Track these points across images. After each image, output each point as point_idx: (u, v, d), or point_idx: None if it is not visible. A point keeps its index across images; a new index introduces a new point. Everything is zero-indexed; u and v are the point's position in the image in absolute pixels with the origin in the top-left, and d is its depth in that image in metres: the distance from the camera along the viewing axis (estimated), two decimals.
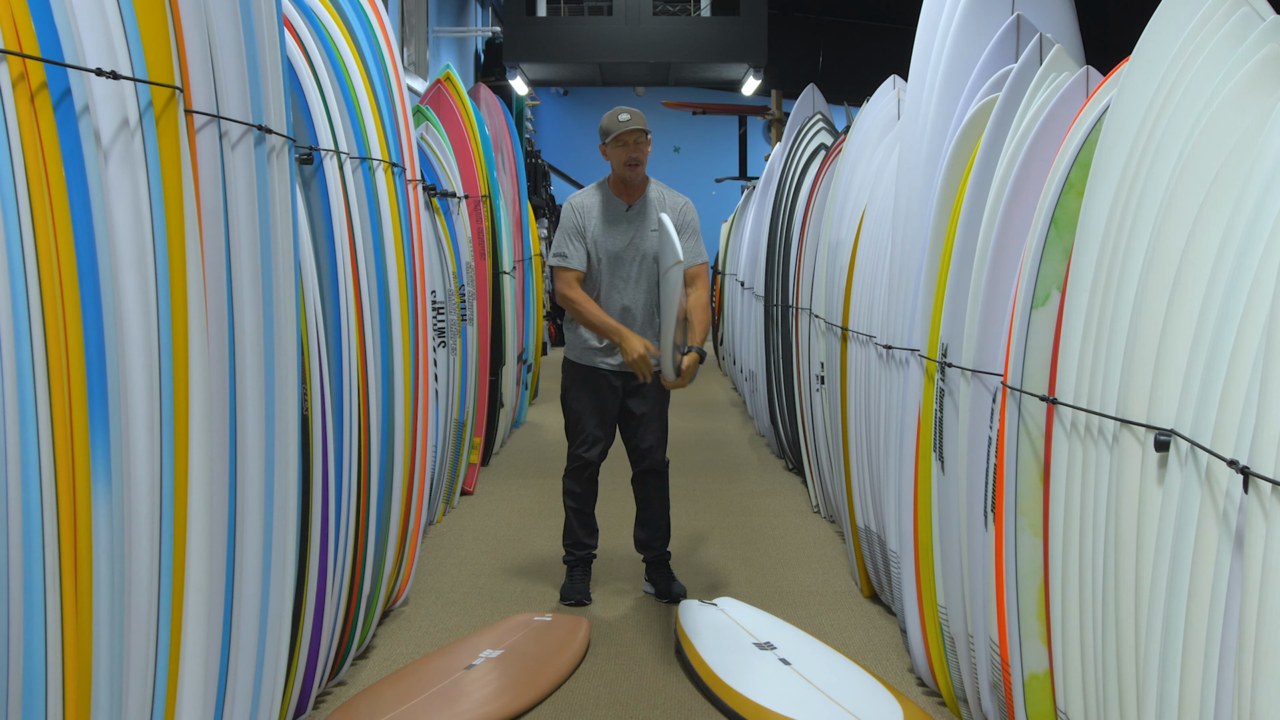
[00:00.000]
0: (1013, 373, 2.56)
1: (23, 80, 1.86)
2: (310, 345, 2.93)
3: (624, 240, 4.23)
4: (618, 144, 4.20)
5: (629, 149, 4.20)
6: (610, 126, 4.22)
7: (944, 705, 3.39)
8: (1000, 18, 3.25)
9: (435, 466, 5.05)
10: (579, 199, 4.32)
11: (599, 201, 4.28)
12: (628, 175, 4.23)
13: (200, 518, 2.27)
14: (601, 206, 4.26)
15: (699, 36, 15.15)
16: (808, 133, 6.53)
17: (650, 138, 4.26)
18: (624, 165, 4.21)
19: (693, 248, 4.26)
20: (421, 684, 3.42)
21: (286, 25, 3.06)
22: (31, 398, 1.84)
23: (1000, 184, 2.80)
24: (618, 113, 4.24)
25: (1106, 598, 2.12)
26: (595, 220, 4.24)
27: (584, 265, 4.23)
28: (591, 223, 4.24)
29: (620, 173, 4.24)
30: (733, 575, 4.71)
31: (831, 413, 4.82)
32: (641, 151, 4.22)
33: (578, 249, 4.23)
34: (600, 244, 4.22)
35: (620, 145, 4.20)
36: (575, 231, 4.24)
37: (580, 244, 4.23)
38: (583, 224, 4.25)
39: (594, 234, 4.23)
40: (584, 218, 4.25)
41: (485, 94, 8.23)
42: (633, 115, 4.23)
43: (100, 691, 1.99)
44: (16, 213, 1.83)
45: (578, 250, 4.23)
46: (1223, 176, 1.92)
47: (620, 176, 4.25)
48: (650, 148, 4.26)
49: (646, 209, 4.27)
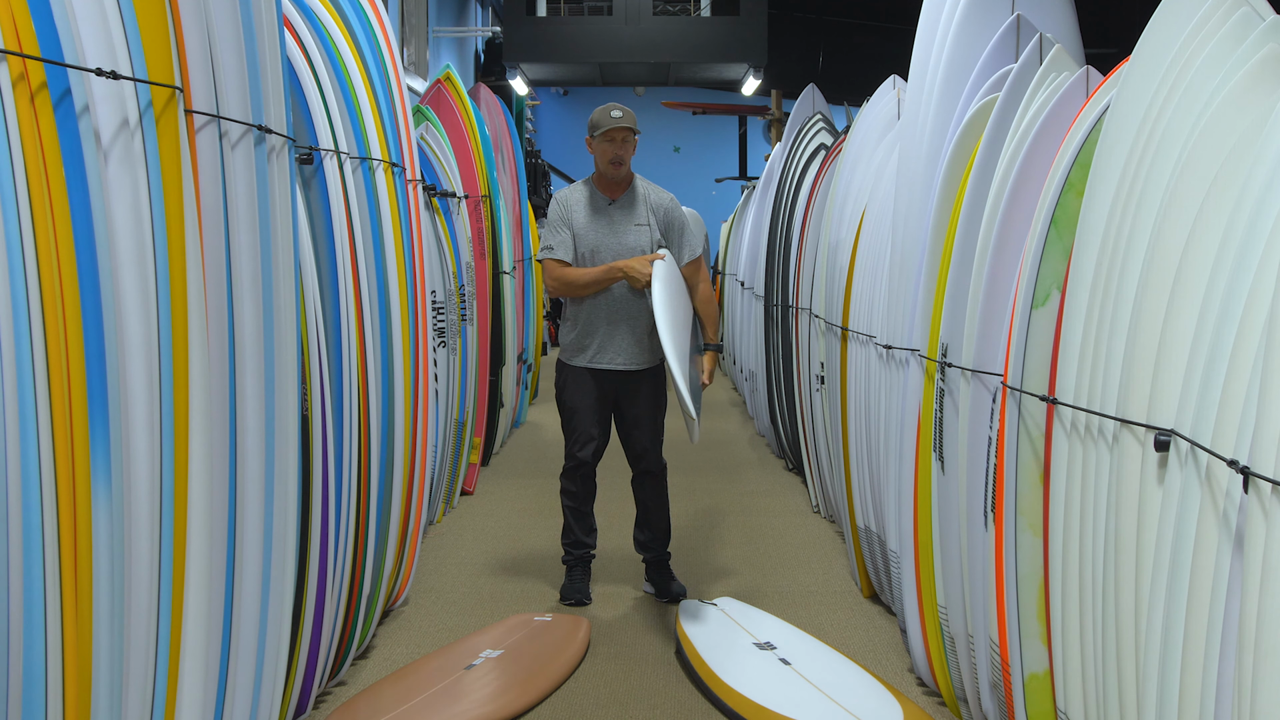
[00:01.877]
0: (1013, 373, 2.56)
1: (23, 80, 1.86)
2: (310, 345, 2.93)
3: (607, 234, 4.25)
4: (605, 139, 4.23)
5: (615, 145, 4.22)
6: (600, 121, 4.24)
7: (944, 705, 3.39)
8: (1000, 18, 3.25)
9: (435, 466, 5.05)
10: (564, 194, 4.37)
11: (584, 196, 4.31)
12: (611, 172, 4.25)
13: (200, 518, 2.27)
14: (586, 201, 4.29)
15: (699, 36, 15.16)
16: (808, 133, 6.53)
17: (637, 138, 4.29)
18: (607, 162, 4.24)
19: (686, 245, 4.32)
20: (421, 684, 3.42)
21: (286, 25, 3.06)
22: (31, 398, 1.84)
23: (1000, 184, 2.80)
24: (610, 108, 4.26)
25: (1106, 598, 2.12)
26: (579, 214, 4.27)
27: (570, 255, 4.26)
28: (576, 216, 4.27)
29: (604, 169, 4.26)
30: (733, 575, 4.71)
31: (831, 413, 4.82)
32: (626, 151, 4.25)
33: (564, 239, 4.27)
34: (583, 238, 4.25)
35: (607, 140, 4.22)
36: (562, 223, 4.29)
37: (567, 233, 4.27)
38: (568, 217, 4.28)
39: (577, 228, 4.26)
40: (569, 211, 4.29)
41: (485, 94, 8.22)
42: (624, 114, 4.25)
43: (100, 691, 1.99)
44: (16, 213, 1.82)
45: (564, 240, 4.27)
46: (1223, 176, 1.92)
47: (604, 172, 4.27)
48: (635, 149, 4.29)
49: (631, 205, 4.30)
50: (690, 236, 4.36)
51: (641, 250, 4.25)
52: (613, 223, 4.26)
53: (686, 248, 4.33)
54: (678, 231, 4.32)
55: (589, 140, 4.28)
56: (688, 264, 4.32)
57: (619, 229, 4.25)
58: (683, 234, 4.32)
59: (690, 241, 4.34)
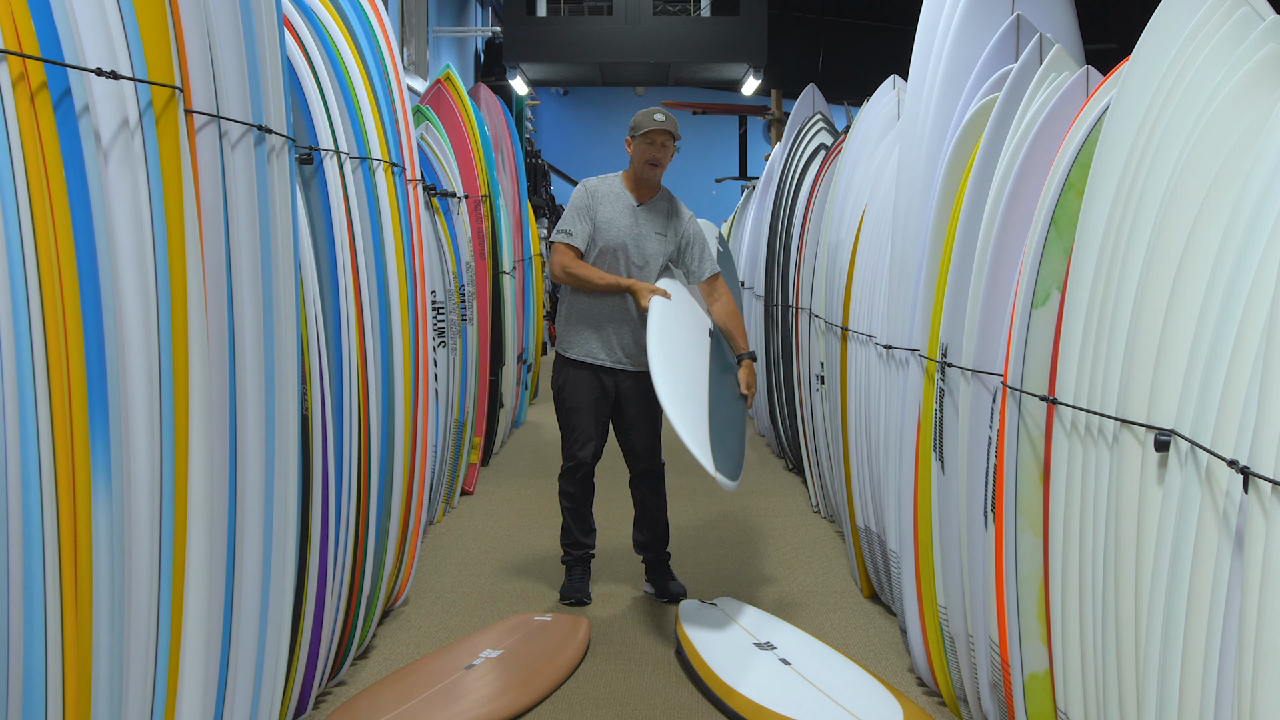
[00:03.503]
0: (1013, 373, 2.56)
1: (23, 80, 1.86)
2: (310, 345, 2.93)
3: (627, 234, 4.24)
4: (645, 140, 4.23)
5: (654, 148, 4.23)
6: (642, 122, 4.25)
7: (944, 705, 3.39)
8: (1000, 18, 3.26)
9: (435, 466, 5.05)
10: (594, 182, 4.34)
11: (612, 190, 4.30)
12: (645, 174, 4.25)
13: (200, 518, 2.27)
14: (613, 196, 4.28)
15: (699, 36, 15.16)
16: (808, 133, 6.53)
17: (677, 147, 4.30)
18: (644, 163, 4.24)
19: (707, 260, 4.34)
20: (421, 684, 3.42)
21: (286, 25, 3.06)
22: (31, 398, 1.84)
23: (1000, 184, 2.80)
24: (653, 112, 4.28)
25: (1106, 598, 2.12)
26: (607, 207, 4.26)
27: (585, 245, 4.24)
28: (603, 209, 4.26)
29: (639, 169, 4.26)
30: (733, 575, 4.71)
31: (831, 413, 4.82)
32: (666, 155, 4.26)
33: (583, 228, 4.24)
34: (603, 232, 4.24)
35: (647, 142, 4.23)
36: (585, 211, 4.26)
37: (588, 224, 4.25)
38: (593, 206, 4.27)
39: (601, 220, 4.24)
40: (596, 201, 4.27)
41: (485, 94, 8.22)
42: (667, 118, 4.27)
43: (100, 691, 1.99)
44: (16, 213, 1.82)
45: (583, 229, 4.24)
46: (1222, 176, 1.92)
47: (638, 173, 4.27)
48: (672, 157, 4.29)
49: (656, 213, 4.29)
50: (707, 252, 4.36)
51: (656, 259, 4.25)
52: (636, 225, 4.26)
53: (707, 263, 4.33)
54: (698, 247, 4.32)
55: (628, 140, 4.28)
56: (707, 279, 4.32)
57: (641, 233, 4.25)
58: (703, 250, 4.33)
59: (709, 257, 4.34)
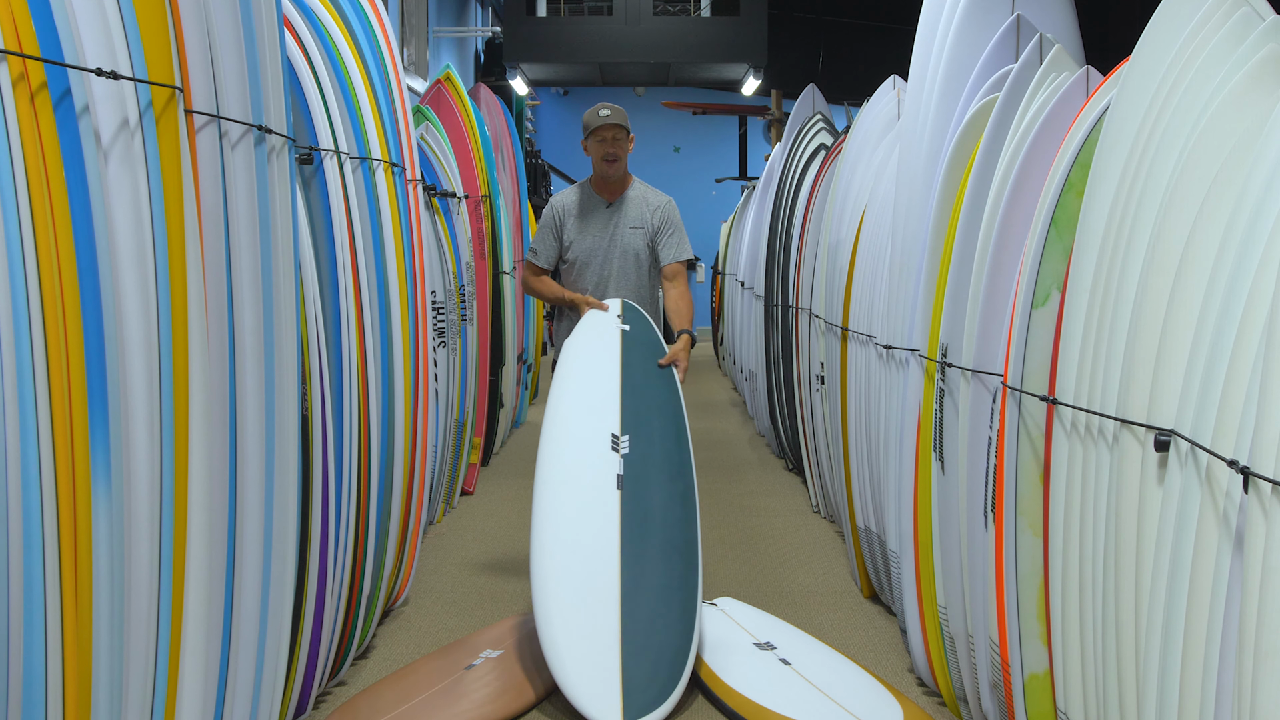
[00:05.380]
0: (1013, 373, 2.56)
1: (23, 80, 1.86)
2: (310, 345, 2.93)
3: (604, 237, 4.25)
4: (596, 139, 4.23)
5: (606, 144, 4.23)
6: (589, 121, 4.25)
7: (944, 705, 3.39)
8: (1000, 18, 3.26)
9: (435, 466, 5.05)
10: (560, 198, 4.39)
11: (578, 200, 4.33)
12: (606, 171, 4.26)
13: (200, 518, 2.27)
14: (581, 205, 4.30)
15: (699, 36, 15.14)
16: (808, 133, 6.53)
17: (632, 137, 4.29)
18: (601, 160, 4.25)
19: (674, 245, 4.31)
20: (421, 684, 3.42)
21: (286, 25, 3.06)
22: (31, 398, 1.84)
23: (1000, 184, 2.80)
24: (598, 108, 4.26)
25: (1106, 598, 2.12)
26: (573, 219, 4.28)
27: (551, 265, 4.33)
28: (570, 221, 4.29)
29: (599, 169, 4.27)
30: (733, 575, 4.71)
31: (831, 413, 4.82)
32: (620, 148, 4.24)
33: (549, 248, 4.33)
34: (578, 242, 4.26)
35: (599, 140, 4.23)
36: (552, 231, 4.33)
37: (555, 244, 4.32)
38: (561, 223, 4.32)
39: (571, 233, 4.28)
40: (563, 216, 4.32)
41: (485, 94, 8.22)
42: (613, 111, 4.24)
43: (100, 691, 1.99)
44: (16, 213, 1.82)
45: (549, 250, 4.33)
46: (1223, 177, 1.92)
47: (600, 173, 4.28)
48: (632, 146, 4.29)
49: (627, 207, 4.29)
50: (681, 239, 4.35)
51: (636, 252, 4.27)
52: (609, 225, 4.27)
53: (674, 247, 4.32)
54: (668, 232, 4.32)
55: (584, 144, 4.29)
56: (671, 264, 4.31)
57: (615, 232, 4.26)
58: (673, 234, 4.33)
59: (678, 243, 4.33)
